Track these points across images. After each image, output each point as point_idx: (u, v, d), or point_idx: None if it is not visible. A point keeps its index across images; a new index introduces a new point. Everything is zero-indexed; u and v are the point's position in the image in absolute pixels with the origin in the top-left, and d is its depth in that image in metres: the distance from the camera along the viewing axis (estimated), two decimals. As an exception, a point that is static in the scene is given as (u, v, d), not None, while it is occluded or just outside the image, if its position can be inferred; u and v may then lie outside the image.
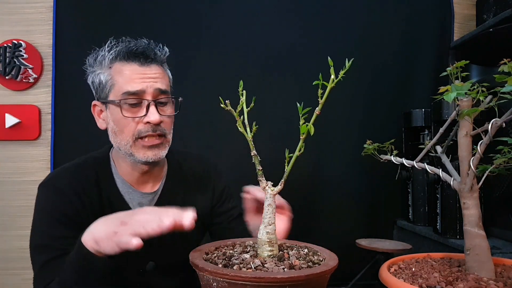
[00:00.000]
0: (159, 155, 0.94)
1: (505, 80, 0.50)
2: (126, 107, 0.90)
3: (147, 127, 0.91)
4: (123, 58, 0.92)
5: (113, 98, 0.92)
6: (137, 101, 0.91)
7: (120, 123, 0.92)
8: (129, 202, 0.99)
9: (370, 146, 0.73)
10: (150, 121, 0.90)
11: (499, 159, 0.58)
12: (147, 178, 1.01)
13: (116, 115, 0.92)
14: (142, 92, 0.91)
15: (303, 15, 1.86)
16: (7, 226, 1.76)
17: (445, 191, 1.39)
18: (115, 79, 0.92)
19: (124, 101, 0.90)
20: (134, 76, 0.91)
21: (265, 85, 1.80)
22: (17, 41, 1.77)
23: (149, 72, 0.92)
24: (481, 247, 0.58)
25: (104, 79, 0.93)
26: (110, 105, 0.93)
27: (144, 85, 0.91)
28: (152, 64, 0.94)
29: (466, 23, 1.95)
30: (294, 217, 0.99)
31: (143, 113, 0.91)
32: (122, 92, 0.90)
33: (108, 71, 0.93)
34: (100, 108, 0.97)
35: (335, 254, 0.63)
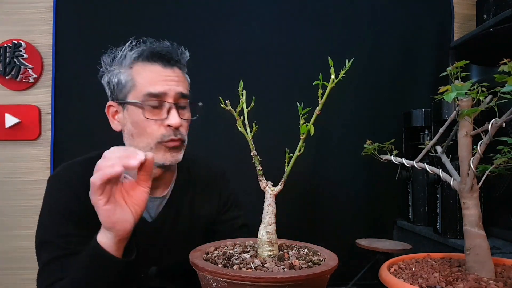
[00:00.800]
0: (176, 158, 0.93)
1: (505, 80, 0.50)
2: (148, 109, 0.89)
3: (169, 131, 0.90)
4: (145, 58, 0.91)
5: (133, 99, 0.90)
6: (159, 103, 0.89)
7: (140, 125, 0.89)
8: None
9: (370, 146, 0.73)
10: (171, 124, 0.89)
11: (499, 159, 0.58)
12: (157, 184, 0.98)
13: (136, 117, 0.90)
14: (164, 94, 0.89)
15: (303, 15, 1.86)
16: (7, 226, 1.76)
17: (445, 191, 1.39)
18: (136, 80, 0.90)
19: (146, 102, 0.88)
20: (157, 78, 0.89)
21: (265, 85, 1.80)
22: (17, 41, 1.77)
23: (171, 75, 0.91)
24: (481, 247, 0.58)
25: (124, 79, 0.91)
26: (129, 106, 0.91)
27: (167, 87, 0.89)
28: (175, 67, 0.93)
29: (466, 23, 1.95)
30: (294, 217, 0.99)
31: (164, 116, 0.89)
32: (144, 93, 0.88)
33: (128, 71, 0.91)
34: (116, 109, 0.95)
35: (335, 254, 0.63)
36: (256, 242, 0.64)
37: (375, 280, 0.64)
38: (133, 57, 0.91)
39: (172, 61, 0.92)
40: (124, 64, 0.92)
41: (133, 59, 0.91)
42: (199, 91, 1.76)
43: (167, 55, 0.92)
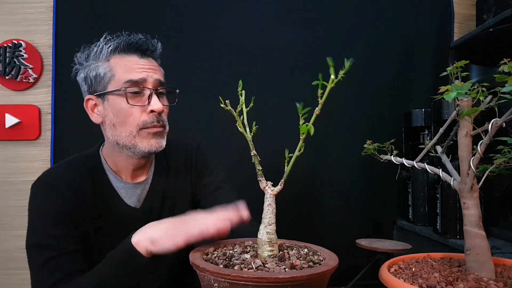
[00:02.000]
0: (161, 144, 0.96)
1: (505, 80, 0.50)
2: (129, 96, 0.91)
3: (152, 117, 0.93)
4: (122, 50, 0.94)
5: (114, 88, 0.92)
6: (139, 90, 0.92)
7: (122, 114, 0.92)
8: (124, 196, 0.99)
9: (370, 146, 0.73)
10: (154, 109, 0.92)
11: (499, 159, 0.58)
12: (139, 171, 1.02)
13: (117, 106, 0.92)
14: (144, 80, 0.92)
15: (303, 15, 1.86)
16: (7, 226, 1.76)
17: (445, 191, 1.39)
18: (115, 70, 0.92)
19: (127, 90, 0.91)
20: (135, 66, 0.93)
21: (265, 85, 1.80)
22: (17, 41, 1.77)
23: (148, 64, 0.95)
24: (481, 247, 0.58)
25: (103, 72, 0.93)
26: (109, 97, 0.92)
27: (145, 74, 0.93)
28: (150, 57, 0.97)
29: (466, 23, 1.95)
30: (294, 217, 0.99)
31: (145, 103, 0.92)
32: (124, 81, 0.91)
33: (106, 63, 0.93)
34: (95, 102, 0.96)
35: (335, 254, 0.63)
36: (256, 242, 0.64)
37: (375, 280, 0.64)
38: (110, 50, 0.94)
39: (148, 52, 0.97)
40: (101, 58, 0.94)
41: (110, 52, 0.94)
42: (200, 90, 1.78)
43: (143, 45, 0.95)
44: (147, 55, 0.96)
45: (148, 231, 0.77)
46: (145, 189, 1.02)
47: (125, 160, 0.98)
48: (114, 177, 0.99)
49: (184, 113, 1.67)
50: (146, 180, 1.03)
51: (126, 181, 1.00)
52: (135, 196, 1.01)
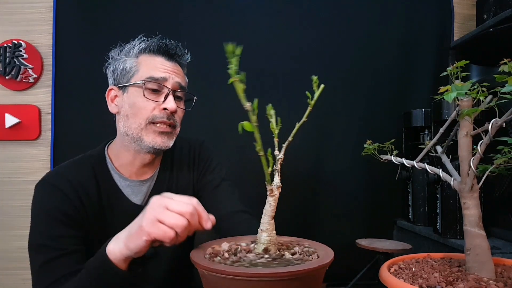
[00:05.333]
0: (166, 144, 0.98)
1: (505, 80, 0.50)
2: (147, 92, 0.95)
3: (162, 113, 0.95)
4: (151, 51, 0.98)
5: (134, 81, 0.96)
6: (158, 88, 0.96)
7: (136, 105, 0.95)
8: (129, 195, 1.00)
9: (370, 146, 0.73)
10: (167, 107, 0.95)
11: (499, 159, 0.58)
12: (146, 168, 1.03)
13: (134, 98, 0.95)
14: (164, 80, 0.96)
15: (303, 16, 1.86)
16: (7, 226, 1.76)
17: (445, 191, 1.39)
18: (140, 67, 0.97)
19: (147, 84, 0.95)
20: (159, 66, 0.97)
21: (265, 85, 1.80)
22: (17, 41, 1.77)
23: (173, 67, 0.99)
24: (481, 247, 0.58)
25: (129, 66, 0.98)
26: (130, 88, 0.97)
27: (167, 74, 0.97)
28: (176, 63, 1.01)
29: (466, 23, 1.95)
30: (294, 217, 0.99)
31: (161, 100, 0.96)
32: (146, 76, 0.95)
33: (134, 59, 0.98)
34: (116, 93, 1.00)
35: (331, 249, 0.63)
36: (253, 239, 0.64)
37: (375, 280, 0.64)
38: (140, 48, 0.98)
39: (175, 56, 1.01)
40: (131, 54, 0.99)
41: (140, 50, 0.98)
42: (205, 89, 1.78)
43: (171, 50, 1.00)
44: (174, 59, 1.00)
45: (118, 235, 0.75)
46: (150, 186, 1.04)
47: (132, 156, 1.00)
48: (118, 176, 1.00)
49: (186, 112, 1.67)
50: (152, 177, 1.04)
51: (132, 179, 1.01)
52: (141, 193, 1.02)
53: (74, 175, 0.95)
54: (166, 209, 0.68)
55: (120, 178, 1.00)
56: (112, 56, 1.02)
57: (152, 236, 0.68)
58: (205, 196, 1.09)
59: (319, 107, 2.16)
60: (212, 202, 1.06)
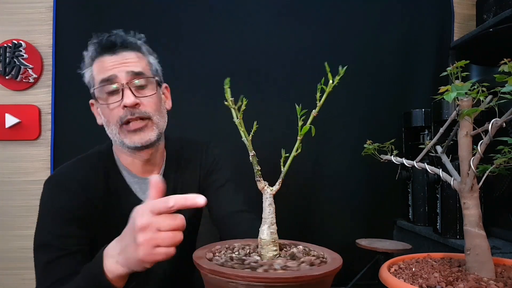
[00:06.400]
0: (146, 139, 0.94)
1: (505, 80, 0.50)
2: (105, 96, 0.94)
3: (125, 112, 0.92)
4: (98, 54, 0.96)
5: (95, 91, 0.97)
6: (114, 87, 0.93)
7: (105, 113, 0.95)
8: (137, 192, 1.01)
9: (370, 146, 0.73)
10: (125, 104, 0.91)
11: (499, 159, 0.58)
12: (150, 166, 1.03)
13: (100, 107, 0.96)
14: (114, 77, 0.93)
15: (303, 16, 1.86)
16: (7, 226, 1.76)
17: (445, 191, 1.39)
18: (95, 73, 0.96)
19: (100, 89, 0.93)
20: (105, 65, 0.94)
21: (265, 85, 1.80)
22: (17, 41, 1.77)
23: (119, 59, 0.94)
24: (481, 247, 0.58)
25: (88, 77, 0.99)
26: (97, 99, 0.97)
27: (115, 70, 0.93)
28: (124, 52, 0.95)
29: (466, 23, 1.95)
30: (294, 217, 0.99)
31: (119, 98, 0.92)
32: (98, 81, 0.94)
33: (90, 69, 0.98)
34: (96, 105, 1.01)
35: (332, 251, 0.63)
36: (257, 243, 0.64)
37: (375, 280, 0.64)
38: (89, 56, 0.98)
39: (118, 48, 0.95)
40: (87, 63, 0.99)
41: (90, 58, 0.98)
42: (201, 88, 1.77)
43: (110, 43, 0.95)
44: (119, 51, 0.95)
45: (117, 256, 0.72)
46: None
47: (129, 156, 1.00)
48: (127, 173, 1.01)
49: (186, 112, 1.67)
50: None
51: (140, 176, 1.02)
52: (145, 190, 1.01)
53: (83, 173, 0.96)
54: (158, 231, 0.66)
55: (128, 174, 1.01)
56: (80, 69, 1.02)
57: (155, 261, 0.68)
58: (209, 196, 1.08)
59: (319, 107, 2.12)
60: (215, 201, 1.06)
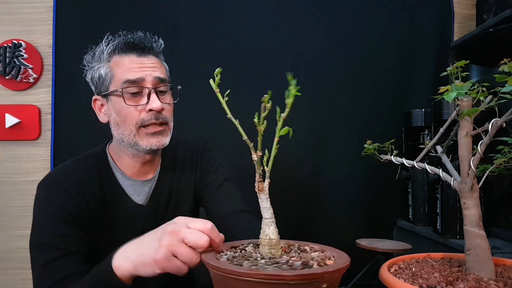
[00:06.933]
0: (162, 142, 0.96)
1: (505, 80, 0.50)
2: (128, 96, 0.93)
3: (150, 115, 0.93)
4: (121, 50, 0.95)
5: (114, 88, 0.94)
6: (138, 90, 0.93)
7: (122, 113, 0.94)
8: (131, 194, 1.00)
9: (370, 146, 0.73)
10: (152, 108, 0.93)
11: (499, 159, 0.58)
12: (147, 168, 1.03)
13: (118, 106, 0.94)
14: (142, 80, 0.93)
15: (303, 16, 1.86)
16: (7, 226, 1.76)
17: (445, 191, 1.39)
18: (115, 71, 0.94)
19: (125, 90, 0.92)
20: (132, 66, 0.93)
21: (265, 85, 1.80)
22: (17, 41, 1.77)
23: (147, 62, 0.95)
24: (481, 247, 0.58)
25: (104, 72, 0.95)
26: (111, 97, 0.95)
27: (143, 73, 0.93)
28: (149, 55, 0.97)
29: (466, 23, 1.95)
30: (294, 217, 0.99)
31: (144, 101, 0.93)
32: (123, 81, 0.92)
33: (107, 64, 0.95)
34: (101, 102, 0.99)
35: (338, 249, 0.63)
36: (257, 242, 0.64)
37: (375, 280, 0.64)
38: (109, 51, 0.95)
39: (146, 50, 0.96)
40: (102, 59, 0.96)
41: (109, 53, 0.95)
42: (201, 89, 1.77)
43: (140, 44, 0.95)
44: (146, 53, 0.96)
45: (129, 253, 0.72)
46: (152, 187, 1.03)
47: (131, 158, 1.00)
48: (121, 175, 1.01)
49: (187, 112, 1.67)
50: (154, 178, 1.04)
51: (134, 179, 1.01)
52: (143, 193, 1.02)
53: (78, 174, 0.95)
54: (182, 242, 0.65)
55: (122, 177, 1.01)
56: (86, 63, 0.99)
57: (165, 270, 0.68)
58: (207, 196, 1.08)
59: (319, 107, 2.17)
60: (213, 202, 1.06)
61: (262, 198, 0.62)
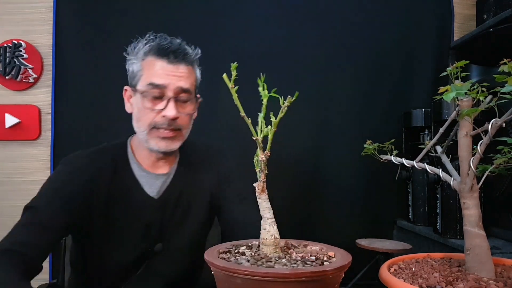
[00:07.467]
0: (171, 147, 1.00)
1: (505, 80, 0.50)
2: (149, 98, 0.97)
3: (163, 120, 0.97)
4: (155, 53, 0.98)
5: (139, 87, 0.99)
6: (159, 94, 0.96)
7: (140, 111, 0.99)
8: (144, 184, 1.04)
9: (370, 146, 0.73)
10: (166, 115, 0.96)
11: (499, 159, 0.58)
12: (162, 163, 1.07)
13: (139, 103, 0.99)
14: (164, 87, 0.96)
15: (303, 15, 1.86)
16: (7, 226, 1.74)
17: (445, 191, 1.39)
18: (144, 71, 0.99)
19: (147, 92, 0.96)
20: (160, 71, 0.97)
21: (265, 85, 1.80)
22: (17, 41, 1.77)
23: (175, 70, 0.98)
24: (481, 247, 0.58)
25: (136, 69, 1.00)
26: (136, 93, 1.00)
27: (168, 81, 0.96)
28: (180, 64, 0.99)
29: (466, 23, 1.95)
30: (294, 217, 0.99)
31: (162, 107, 0.97)
32: (148, 83, 0.97)
33: (140, 62, 1.00)
34: (130, 93, 1.04)
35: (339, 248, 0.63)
36: (257, 242, 0.64)
37: (375, 280, 0.64)
38: (144, 51, 1.00)
39: (178, 58, 0.99)
40: (138, 56, 1.01)
41: (144, 53, 0.99)
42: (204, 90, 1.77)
43: (173, 52, 0.98)
44: (177, 61, 0.98)
45: None
46: (166, 182, 1.07)
47: (147, 150, 1.04)
48: (137, 166, 1.05)
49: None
50: (169, 174, 1.08)
51: (148, 171, 1.05)
52: (155, 186, 1.05)
53: (93, 160, 1.02)
54: None
55: (138, 168, 1.05)
56: (127, 53, 1.04)
57: None
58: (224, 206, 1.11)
59: (319, 107, 2.17)
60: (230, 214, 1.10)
61: (263, 199, 0.62)
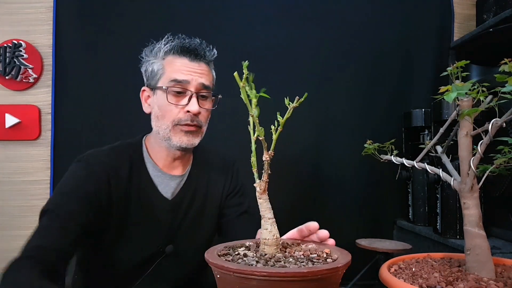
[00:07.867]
0: (192, 142, 1.02)
1: (505, 80, 0.50)
2: (172, 94, 1.00)
3: (186, 116, 1.00)
4: (176, 52, 1.02)
5: (161, 84, 1.01)
6: (182, 90, 1.00)
7: (163, 108, 1.01)
8: (158, 185, 1.05)
9: (370, 146, 0.73)
10: (190, 110, 0.99)
11: (499, 159, 0.58)
12: (177, 163, 1.09)
13: (161, 101, 1.01)
14: (187, 82, 1.00)
15: (303, 16, 1.86)
16: (7, 226, 1.76)
17: (445, 191, 1.39)
18: (166, 69, 1.01)
19: (171, 88, 0.99)
20: (182, 68, 1.01)
21: (265, 85, 1.80)
22: (17, 41, 1.77)
23: (196, 68, 1.02)
24: (481, 247, 0.58)
25: (156, 68, 1.03)
26: (158, 91, 1.02)
27: (190, 77, 1.00)
28: (201, 62, 1.04)
29: (466, 23, 1.95)
30: (294, 217, 0.99)
31: (185, 102, 1.00)
32: (170, 79, 1.00)
33: (161, 61, 1.03)
34: (148, 93, 1.06)
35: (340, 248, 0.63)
36: (258, 241, 0.64)
37: (375, 280, 0.64)
38: (165, 50, 1.03)
39: (198, 56, 1.03)
40: (158, 56, 1.03)
41: (165, 52, 1.03)
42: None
43: (194, 50, 1.03)
44: (198, 59, 1.03)
45: None
46: (180, 184, 1.09)
47: (165, 150, 1.05)
48: (152, 166, 1.06)
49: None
50: (183, 176, 1.10)
51: (163, 171, 1.06)
52: (169, 187, 1.07)
53: (109, 158, 1.01)
54: None
55: (153, 167, 1.06)
56: (144, 55, 1.06)
57: None
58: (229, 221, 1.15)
59: (319, 107, 2.16)
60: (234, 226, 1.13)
61: (263, 199, 0.62)
